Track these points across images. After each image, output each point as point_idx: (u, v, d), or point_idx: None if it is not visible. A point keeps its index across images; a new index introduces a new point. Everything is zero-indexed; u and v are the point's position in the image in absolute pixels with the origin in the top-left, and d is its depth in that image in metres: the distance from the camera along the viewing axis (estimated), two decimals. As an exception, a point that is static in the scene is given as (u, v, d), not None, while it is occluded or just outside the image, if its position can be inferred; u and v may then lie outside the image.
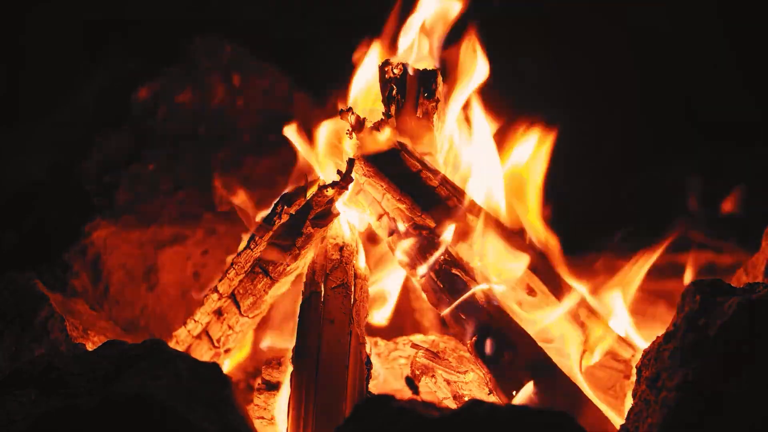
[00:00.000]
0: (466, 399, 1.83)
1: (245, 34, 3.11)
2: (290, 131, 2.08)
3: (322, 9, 3.24)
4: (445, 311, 1.86)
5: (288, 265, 1.92)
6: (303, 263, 1.95)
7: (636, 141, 3.14)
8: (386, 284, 2.11)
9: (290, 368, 1.78)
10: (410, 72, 2.01)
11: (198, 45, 2.98)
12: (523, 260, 1.95)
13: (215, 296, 1.96)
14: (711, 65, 3.15)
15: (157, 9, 3.13)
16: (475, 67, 2.12)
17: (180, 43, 3.00)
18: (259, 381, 1.97)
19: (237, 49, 3.03)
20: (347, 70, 2.15)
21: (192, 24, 3.07)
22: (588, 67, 3.11)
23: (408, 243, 1.93)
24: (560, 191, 2.21)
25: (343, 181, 1.91)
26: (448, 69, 2.14)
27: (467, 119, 2.16)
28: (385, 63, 2.03)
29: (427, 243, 1.92)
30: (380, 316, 2.09)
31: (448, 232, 1.94)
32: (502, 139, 2.20)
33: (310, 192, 1.94)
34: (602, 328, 2.02)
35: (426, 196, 1.96)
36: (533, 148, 2.15)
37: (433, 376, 1.90)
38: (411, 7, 2.15)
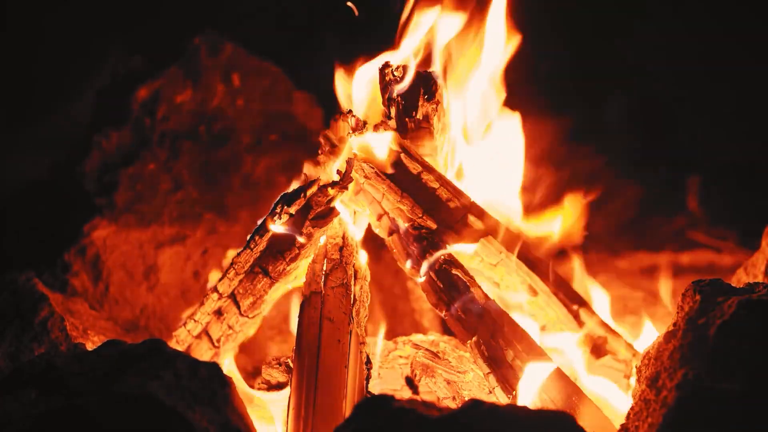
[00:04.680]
0: (466, 399, 1.83)
1: (246, 33, 3.11)
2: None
3: (322, 8, 3.25)
4: (445, 311, 1.86)
5: (288, 265, 1.92)
6: (303, 263, 1.95)
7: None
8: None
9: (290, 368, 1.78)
10: (410, 74, 2.02)
11: (198, 44, 2.98)
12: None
13: (215, 296, 1.96)
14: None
15: (158, 8, 3.14)
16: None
17: (180, 43, 3.00)
18: (259, 381, 1.97)
19: (237, 48, 3.03)
20: (348, 69, 2.15)
21: (192, 23, 3.07)
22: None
23: (408, 243, 1.93)
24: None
25: (343, 181, 1.91)
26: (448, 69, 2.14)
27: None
28: (386, 65, 2.04)
29: (427, 243, 1.92)
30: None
31: (448, 233, 1.94)
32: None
33: (310, 192, 1.94)
34: (602, 327, 2.03)
35: (427, 198, 1.96)
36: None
37: (433, 375, 1.90)
38: (412, 7, 2.14)
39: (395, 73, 2.03)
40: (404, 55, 2.10)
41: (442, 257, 1.89)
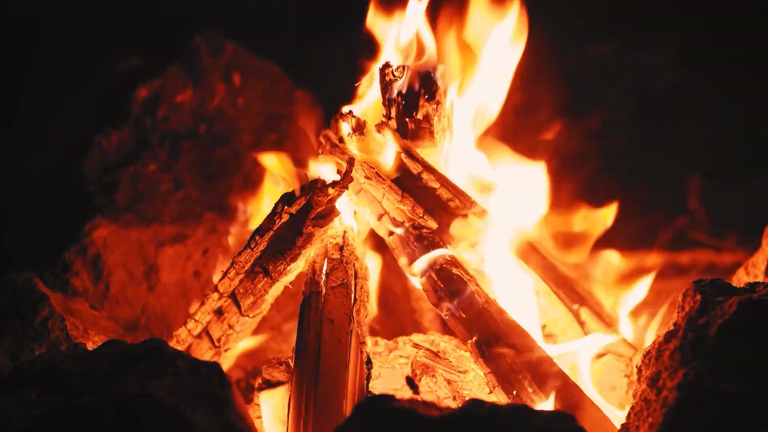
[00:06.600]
0: (467, 399, 1.83)
1: (246, 32, 3.11)
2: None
3: (323, 7, 3.25)
4: (446, 311, 1.86)
5: (288, 265, 1.92)
6: (303, 263, 1.95)
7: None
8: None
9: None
10: (411, 74, 2.02)
11: (199, 44, 2.98)
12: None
13: (215, 295, 1.96)
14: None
15: (158, 8, 3.14)
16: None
17: (180, 43, 3.00)
18: (259, 380, 1.97)
19: (238, 48, 3.03)
20: (348, 68, 2.15)
21: (192, 23, 3.07)
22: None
23: (409, 243, 1.93)
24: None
25: (344, 181, 1.91)
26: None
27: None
28: (385, 65, 2.04)
29: (428, 243, 1.92)
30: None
31: (449, 233, 1.94)
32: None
33: (311, 191, 1.94)
34: (603, 327, 2.03)
35: (427, 198, 1.96)
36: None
37: (433, 375, 1.90)
38: (413, 7, 2.14)
39: (395, 73, 2.03)
40: (405, 53, 2.10)
41: (443, 257, 1.89)
